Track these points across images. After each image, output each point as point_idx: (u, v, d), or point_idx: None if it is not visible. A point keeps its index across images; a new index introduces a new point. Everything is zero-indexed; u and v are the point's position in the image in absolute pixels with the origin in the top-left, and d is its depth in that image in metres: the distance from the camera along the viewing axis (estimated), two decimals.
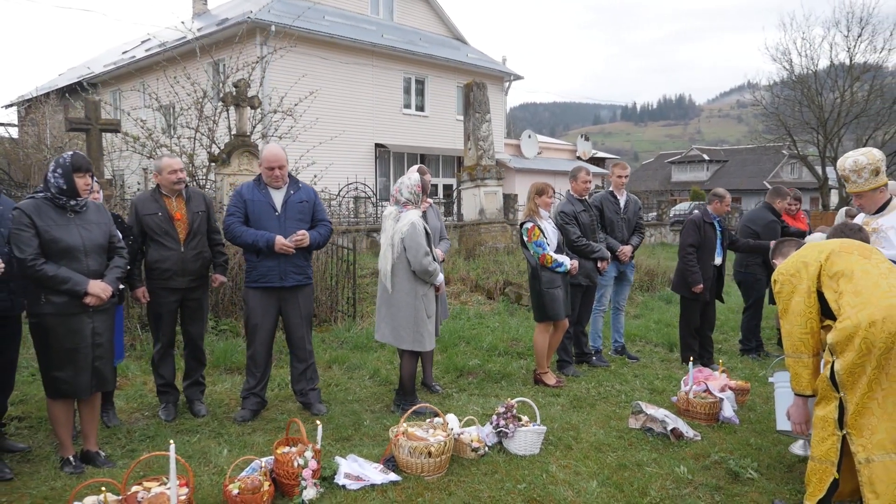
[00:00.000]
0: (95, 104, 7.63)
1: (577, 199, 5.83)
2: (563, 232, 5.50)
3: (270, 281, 4.52)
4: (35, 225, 3.52)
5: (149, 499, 2.93)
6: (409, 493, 3.35)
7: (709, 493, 3.39)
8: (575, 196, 5.83)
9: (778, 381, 3.69)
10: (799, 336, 2.97)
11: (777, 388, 3.70)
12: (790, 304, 3.00)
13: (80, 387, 3.66)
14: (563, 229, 5.56)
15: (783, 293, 3.05)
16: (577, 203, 5.78)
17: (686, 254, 6.02)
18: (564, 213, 5.65)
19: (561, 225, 5.60)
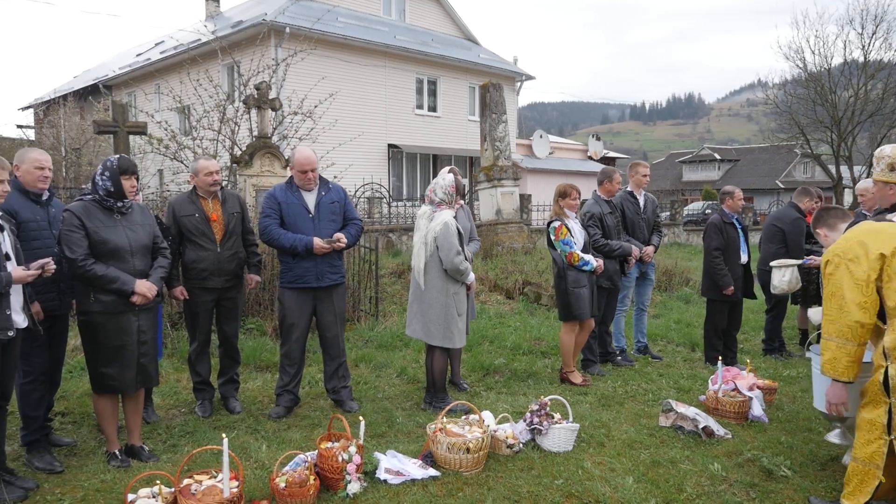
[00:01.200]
0: (123, 107, 7.75)
1: (605, 200, 5.88)
2: (590, 233, 5.57)
3: (307, 281, 4.60)
4: (85, 226, 3.63)
5: (202, 491, 3.02)
6: (449, 488, 3.43)
7: (744, 490, 3.45)
8: (602, 197, 5.88)
9: (816, 358, 3.63)
10: (848, 324, 2.84)
11: (815, 364, 3.65)
12: (842, 290, 2.85)
13: (126, 383, 3.76)
14: (586, 230, 5.63)
15: (835, 276, 2.90)
16: (604, 205, 5.84)
17: (713, 258, 6.07)
18: (591, 214, 5.71)
19: (585, 226, 5.66)
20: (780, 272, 6.30)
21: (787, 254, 6.33)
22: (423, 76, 22.47)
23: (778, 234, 6.41)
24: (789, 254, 6.33)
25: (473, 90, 24.07)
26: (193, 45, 20.87)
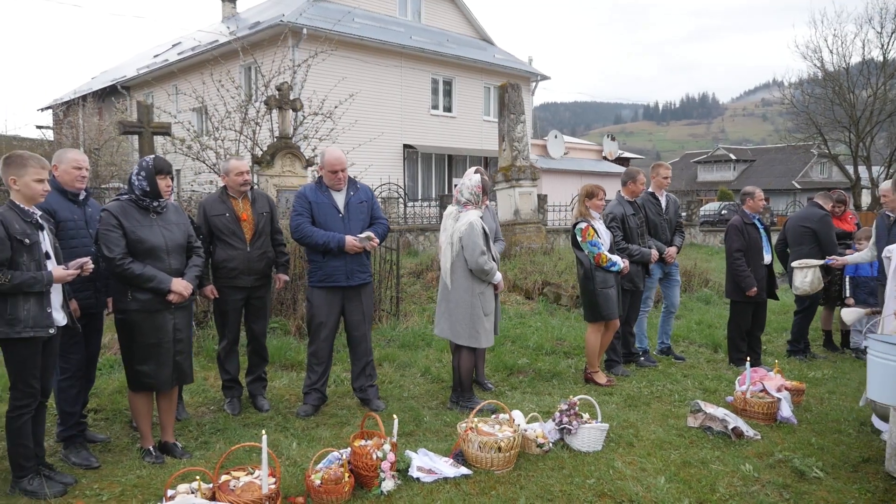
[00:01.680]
0: (148, 108, 7.84)
1: (628, 201, 5.88)
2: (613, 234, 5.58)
3: (337, 280, 4.64)
4: (122, 226, 3.68)
5: (241, 487, 3.07)
6: (481, 487, 3.45)
7: (777, 491, 3.44)
8: (626, 198, 5.88)
9: (874, 348, 3.55)
10: None
11: (871, 355, 3.59)
12: None
13: (162, 380, 3.82)
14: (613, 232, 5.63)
15: None
16: (627, 206, 5.83)
17: (734, 259, 6.04)
18: (613, 215, 5.70)
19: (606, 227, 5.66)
20: (801, 273, 6.27)
21: (820, 252, 6.30)
22: (439, 76, 22.50)
23: (807, 234, 6.37)
24: (822, 252, 6.29)
25: (488, 90, 24.07)
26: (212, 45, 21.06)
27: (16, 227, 3.21)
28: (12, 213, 3.25)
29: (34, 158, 3.34)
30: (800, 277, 6.28)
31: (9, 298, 3.16)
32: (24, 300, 3.19)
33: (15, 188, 3.31)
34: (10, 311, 3.16)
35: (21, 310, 3.18)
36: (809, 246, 6.35)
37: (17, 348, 3.23)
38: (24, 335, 3.19)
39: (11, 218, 3.22)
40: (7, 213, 3.23)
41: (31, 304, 3.21)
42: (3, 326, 3.16)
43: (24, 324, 3.19)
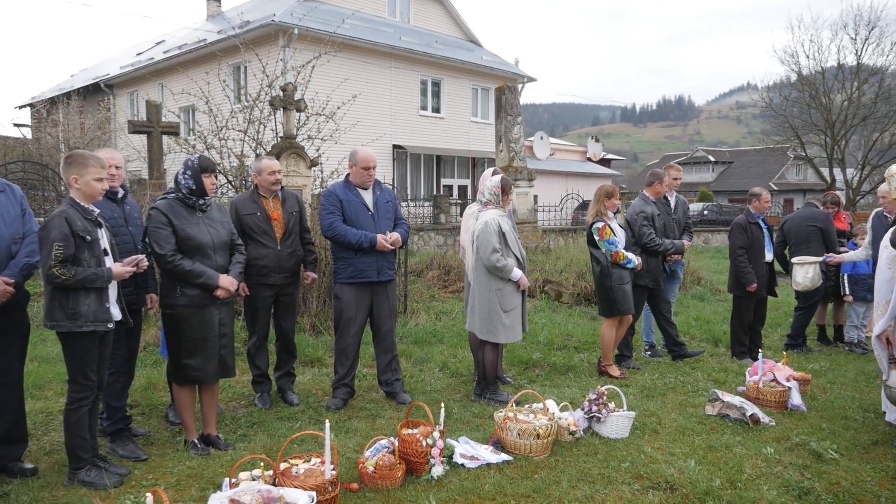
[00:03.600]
0: (157, 107, 7.89)
1: (653, 201, 6.11)
2: (637, 232, 5.80)
3: (368, 276, 4.79)
4: (171, 223, 3.80)
5: (305, 472, 3.21)
6: (524, 471, 3.63)
7: (798, 471, 3.67)
8: (650, 198, 6.12)
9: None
10: None
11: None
12: None
13: (208, 374, 3.93)
14: (640, 229, 5.83)
15: None
16: (652, 205, 6.08)
17: (737, 256, 6.32)
18: (645, 213, 5.94)
19: (639, 225, 5.87)
20: (802, 269, 6.55)
21: (826, 250, 6.58)
22: (428, 77, 22.68)
23: (815, 233, 6.66)
24: (828, 249, 6.58)
25: (476, 92, 24.31)
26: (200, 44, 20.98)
27: (78, 224, 3.31)
28: (74, 212, 3.35)
29: (94, 158, 3.44)
30: (801, 274, 6.55)
31: (70, 294, 3.27)
32: (84, 295, 3.30)
33: (76, 187, 3.41)
34: (72, 306, 3.27)
35: (82, 304, 3.29)
36: (816, 244, 6.64)
37: (77, 342, 3.33)
38: (86, 329, 3.30)
39: (74, 216, 3.32)
40: (69, 211, 3.33)
41: (91, 299, 3.32)
42: (65, 321, 3.26)
43: (86, 318, 3.30)
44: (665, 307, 6.29)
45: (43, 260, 3.24)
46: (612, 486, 3.45)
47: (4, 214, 3.49)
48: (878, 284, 4.54)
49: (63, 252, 3.20)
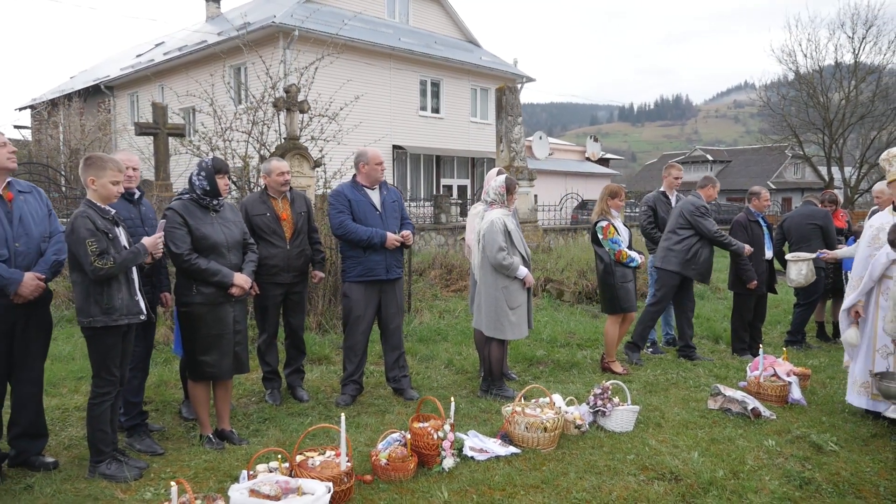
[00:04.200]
0: (163, 109, 7.99)
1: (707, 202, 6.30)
2: (700, 225, 6.01)
3: (378, 274, 4.88)
4: (187, 223, 3.89)
5: (321, 464, 3.30)
6: (532, 463, 3.73)
7: (799, 463, 3.78)
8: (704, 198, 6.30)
9: None
10: None
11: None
12: None
13: (223, 370, 4.03)
14: (700, 222, 6.01)
15: None
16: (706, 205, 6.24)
17: (737, 254, 6.42)
18: (705, 206, 6.11)
19: (701, 215, 6.06)
20: (796, 266, 6.64)
21: (825, 247, 6.67)
22: (427, 78, 22.78)
23: (815, 231, 6.76)
24: (827, 247, 6.68)
25: (475, 92, 24.42)
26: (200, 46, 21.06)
27: (98, 222, 3.41)
28: (92, 212, 3.44)
29: (112, 161, 3.53)
30: (794, 270, 6.64)
31: (105, 288, 3.37)
32: (117, 289, 3.41)
33: (93, 188, 3.50)
34: (106, 301, 3.38)
35: (116, 298, 3.40)
36: (816, 242, 6.73)
37: (105, 337, 3.43)
38: (121, 322, 3.41)
39: (93, 215, 3.42)
40: (88, 211, 3.43)
41: (123, 292, 3.44)
42: (101, 315, 3.37)
43: (120, 311, 3.41)
44: (690, 305, 6.41)
45: (83, 260, 3.34)
46: (619, 477, 3.55)
47: (34, 214, 3.59)
48: (856, 261, 4.71)
49: (97, 246, 3.31)
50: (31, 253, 3.53)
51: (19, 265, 3.45)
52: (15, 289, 3.38)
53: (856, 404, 4.55)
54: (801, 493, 3.39)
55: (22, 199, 3.59)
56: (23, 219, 3.53)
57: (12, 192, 3.55)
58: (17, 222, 3.49)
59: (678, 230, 6.12)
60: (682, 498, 3.31)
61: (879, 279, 4.39)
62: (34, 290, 3.45)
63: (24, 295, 3.43)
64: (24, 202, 3.60)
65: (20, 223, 3.51)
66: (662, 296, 6.21)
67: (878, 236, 4.51)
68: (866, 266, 4.46)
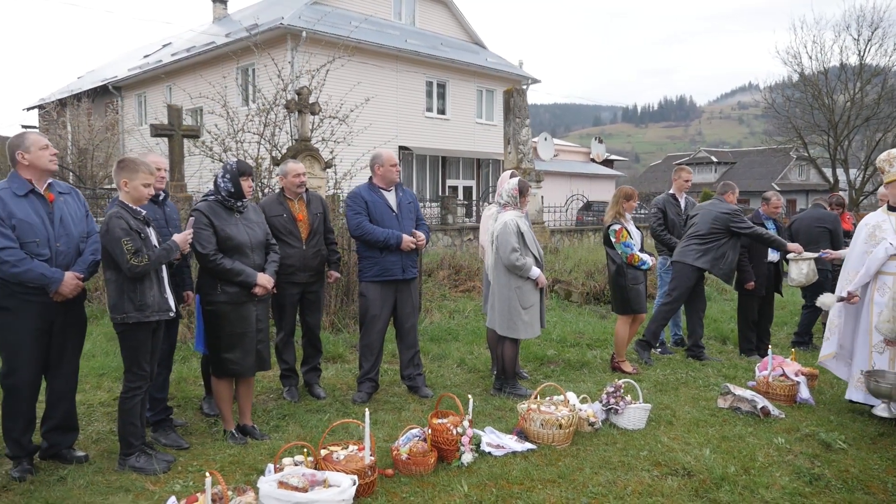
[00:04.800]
0: (178, 111, 8.10)
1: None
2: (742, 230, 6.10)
3: (394, 274, 4.99)
4: (212, 224, 4.00)
5: (345, 457, 3.41)
6: (547, 459, 3.83)
7: (809, 460, 3.87)
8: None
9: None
10: None
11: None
12: None
13: (246, 367, 4.14)
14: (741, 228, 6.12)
15: None
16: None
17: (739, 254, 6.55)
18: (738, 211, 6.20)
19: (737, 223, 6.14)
20: (797, 266, 6.69)
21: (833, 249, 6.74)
22: (433, 79, 22.90)
23: (824, 233, 6.85)
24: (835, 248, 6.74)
25: (481, 93, 24.53)
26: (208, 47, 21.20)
27: (131, 222, 3.52)
28: (124, 212, 3.56)
29: (144, 164, 3.65)
30: (795, 270, 6.65)
31: (138, 285, 3.50)
32: (149, 286, 3.54)
33: (125, 190, 3.62)
34: (139, 298, 3.50)
35: (148, 295, 3.52)
36: (825, 245, 6.81)
37: (137, 333, 3.56)
38: (152, 318, 3.54)
39: (126, 216, 3.54)
40: (121, 212, 3.54)
41: (154, 290, 3.56)
42: (134, 312, 3.50)
43: (152, 308, 3.54)
44: (702, 306, 6.51)
45: (119, 258, 3.46)
46: (633, 472, 3.66)
47: (73, 215, 3.71)
48: (852, 257, 4.85)
49: (132, 245, 3.44)
50: (70, 253, 3.65)
51: (59, 264, 3.56)
52: (56, 287, 3.50)
53: (854, 399, 4.67)
54: (811, 489, 3.49)
55: (62, 201, 3.70)
56: (63, 219, 3.64)
57: (53, 193, 3.67)
58: (58, 223, 3.61)
59: (709, 234, 6.14)
60: (696, 493, 3.41)
61: (875, 275, 4.54)
62: (73, 289, 3.57)
63: (64, 294, 3.55)
64: (65, 203, 3.71)
65: (61, 223, 3.62)
66: (679, 294, 6.27)
67: (875, 234, 4.66)
68: (861, 262, 4.63)
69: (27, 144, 3.56)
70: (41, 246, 3.50)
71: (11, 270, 3.39)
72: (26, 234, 3.46)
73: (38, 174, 3.59)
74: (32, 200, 3.55)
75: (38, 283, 3.46)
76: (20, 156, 3.54)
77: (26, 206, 3.51)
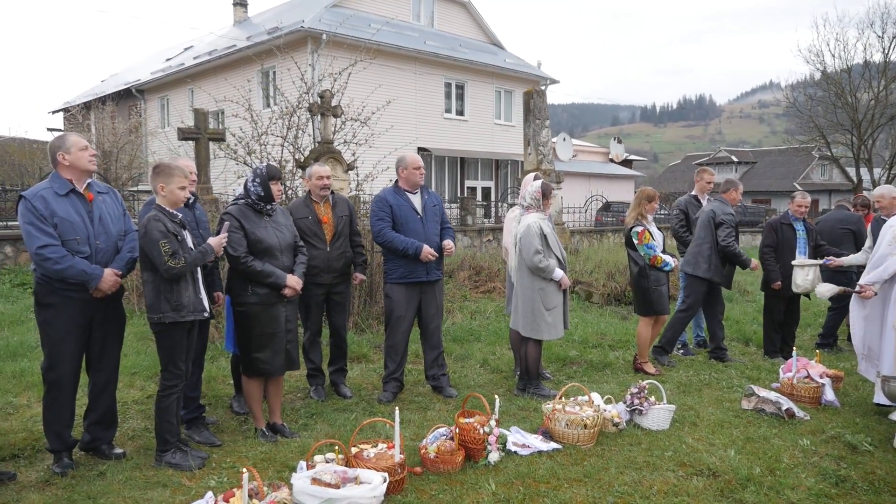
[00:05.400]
0: (204, 115, 8.26)
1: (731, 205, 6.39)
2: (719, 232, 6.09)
3: (418, 276, 5.07)
4: (243, 227, 4.11)
5: (376, 455, 3.49)
6: (573, 458, 3.88)
7: (834, 461, 3.88)
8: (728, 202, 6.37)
9: None
10: None
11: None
12: None
13: (276, 366, 4.23)
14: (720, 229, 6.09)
15: None
16: (730, 208, 6.32)
17: (763, 254, 6.57)
18: (724, 216, 6.16)
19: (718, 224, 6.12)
20: (802, 271, 6.58)
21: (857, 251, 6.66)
22: (452, 80, 22.98)
23: (848, 235, 6.82)
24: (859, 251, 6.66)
25: (499, 94, 24.56)
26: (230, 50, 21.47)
27: (168, 225, 3.64)
28: (162, 215, 3.68)
29: (179, 169, 3.76)
30: (801, 275, 6.51)
31: (174, 286, 3.61)
32: (185, 287, 3.65)
33: (162, 194, 3.73)
34: (175, 298, 3.61)
35: (184, 296, 3.64)
36: (848, 246, 6.77)
37: (173, 332, 3.67)
38: (188, 318, 3.66)
39: (164, 218, 3.65)
40: (159, 215, 3.66)
41: (189, 291, 3.68)
42: (170, 312, 3.61)
43: (187, 308, 3.65)
44: (720, 309, 6.51)
45: (157, 260, 3.58)
46: (658, 472, 3.69)
47: (111, 214, 3.84)
48: (875, 256, 4.85)
49: (169, 247, 3.55)
50: (109, 250, 3.77)
51: (98, 262, 3.69)
52: (96, 284, 3.62)
53: (881, 402, 4.66)
54: (837, 491, 3.50)
55: (101, 200, 3.83)
56: (102, 218, 3.77)
57: (92, 192, 3.80)
58: (97, 221, 3.74)
59: (702, 236, 6.21)
60: (721, 493, 3.44)
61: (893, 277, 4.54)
62: (112, 285, 3.70)
63: (104, 289, 3.68)
64: (103, 202, 3.84)
65: (100, 222, 3.75)
66: (692, 302, 6.31)
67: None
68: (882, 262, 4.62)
69: (68, 145, 3.68)
70: (81, 243, 3.63)
71: (54, 267, 3.52)
72: (67, 232, 3.59)
73: (78, 174, 3.72)
74: (73, 200, 3.68)
75: (79, 280, 3.59)
76: (61, 156, 3.67)
77: (67, 205, 3.64)
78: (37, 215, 3.53)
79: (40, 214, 3.53)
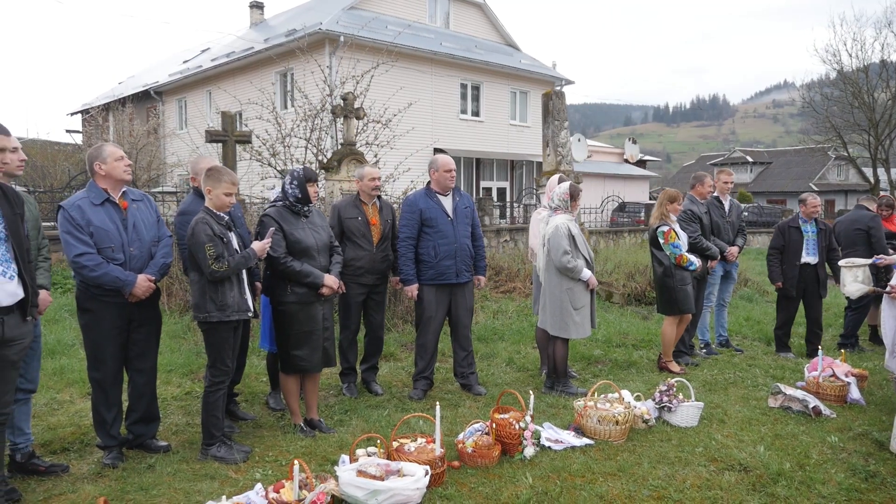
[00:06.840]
0: (231, 117, 8.41)
1: (700, 201, 6.41)
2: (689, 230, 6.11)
3: (448, 278, 5.19)
4: (282, 228, 4.24)
5: (416, 449, 3.61)
6: (606, 453, 3.98)
7: (862, 458, 3.95)
8: (697, 198, 6.42)
9: None
10: None
11: None
12: None
13: (313, 363, 4.36)
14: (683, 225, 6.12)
15: None
16: (700, 205, 6.36)
17: (768, 256, 6.81)
18: (692, 212, 6.24)
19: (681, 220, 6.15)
20: (851, 273, 6.63)
21: (872, 253, 6.66)
22: (467, 81, 23.08)
23: (860, 235, 6.85)
24: (874, 252, 6.62)
25: (515, 95, 24.64)
26: (247, 52, 21.71)
27: (215, 227, 3.78)
28: (209, 217, 3.82)
29: (228, 174, 3.90)
30: (850, 277, 6.52)
31: (219, 287, 3.75)
32: (230, 288, 3.79)
33: (210, 197, 3.88)
34: (220, 298, 3.75)
35: (229, 296, 3.77)
36: (863, 247, 6.78)
37: (220, 331, 3.81)
38: (232, 318, 3.79)
39: (211, 221, 3.79)
40: (206, 217, 3.80)
41: (234, 291, 3.81)
42: (216, 311, 3.75)
43: (232, 308, 3.78)
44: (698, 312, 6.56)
45: (201, 262, 3.72)
46: (690, 467, 3.79)
47: (145, 221, 3.97)
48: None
49: (214, 251, 3.68)
50: (142, 256, 3.90)
51: (132, 268, 3.82)
52: (130, 290, 3.76)
53: None
54: (867, 486, 3.58)
55: (135, 207, 3.97)
56: (136, 225, 3.91)
57: (127, 200, 3.94)
58: (131, 229, 3.87)
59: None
60: (753, 487, 3.53)
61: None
62: (146, 290, 3.83)
63: (138, 294, 3.81)
64: (137, 210, 3.97)
65: (134, 229, 3.88)
66: None
67: None
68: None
69: (104, 156, 3.82)
70: (116, 251, 3.77)
71: (90, 275, 3.67)
72: (102, 240, 3.73)
73: (113, 183, 3.86)
74: (108, 208, 3.81)
75: (113, 286, 3.73)
76: (97, 166, 3.81)
77: (102, 214, 3.77)
78: (73, 224, 3.67)
79: (77, 223, 3.68)
